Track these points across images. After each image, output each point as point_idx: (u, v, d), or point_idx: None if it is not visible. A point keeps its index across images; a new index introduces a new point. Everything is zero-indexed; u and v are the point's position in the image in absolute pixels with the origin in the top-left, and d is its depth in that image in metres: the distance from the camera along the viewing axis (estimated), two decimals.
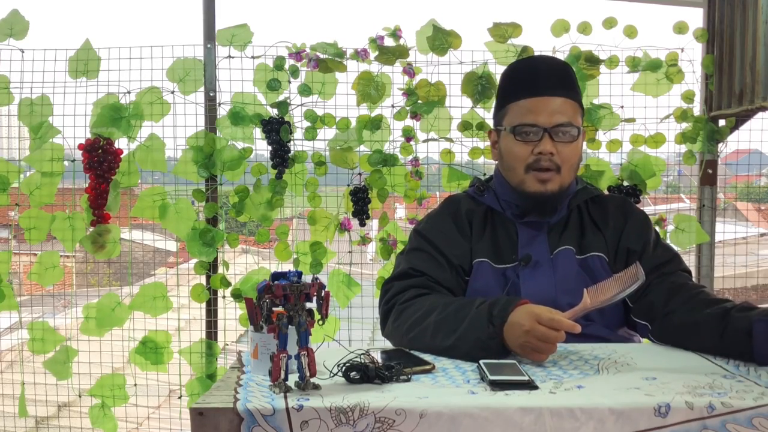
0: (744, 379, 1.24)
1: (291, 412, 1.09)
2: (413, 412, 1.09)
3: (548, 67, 1.71)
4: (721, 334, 1.41)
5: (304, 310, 1.19)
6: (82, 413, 2.72)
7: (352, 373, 1.22)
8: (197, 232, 2.54)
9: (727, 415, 1.09)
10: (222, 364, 2.64)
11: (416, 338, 1.51)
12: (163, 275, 3.78)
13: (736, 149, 2.78)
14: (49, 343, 2.61)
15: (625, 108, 2.59)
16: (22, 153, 2.96)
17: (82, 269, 3.85)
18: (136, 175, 2.56)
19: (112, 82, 2.52)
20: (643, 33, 2.62)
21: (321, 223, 2.57)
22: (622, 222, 1.74)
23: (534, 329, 1.34)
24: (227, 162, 2.52)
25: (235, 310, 2.63)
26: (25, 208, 2.58)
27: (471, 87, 2.52)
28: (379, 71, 2.52)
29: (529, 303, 1.42)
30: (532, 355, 1.36)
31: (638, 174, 2.56)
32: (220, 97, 2.57)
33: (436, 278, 1.66)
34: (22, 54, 2.54)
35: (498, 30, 2.49)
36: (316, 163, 2.57)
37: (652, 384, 1.21)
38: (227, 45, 2.51)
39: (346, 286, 2.58)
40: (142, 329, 2.61)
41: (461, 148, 2.59)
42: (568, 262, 1.68)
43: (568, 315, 1.40)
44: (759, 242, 5.68)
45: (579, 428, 1.09)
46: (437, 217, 1.79)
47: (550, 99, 1.66)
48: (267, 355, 1.23)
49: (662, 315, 1.56)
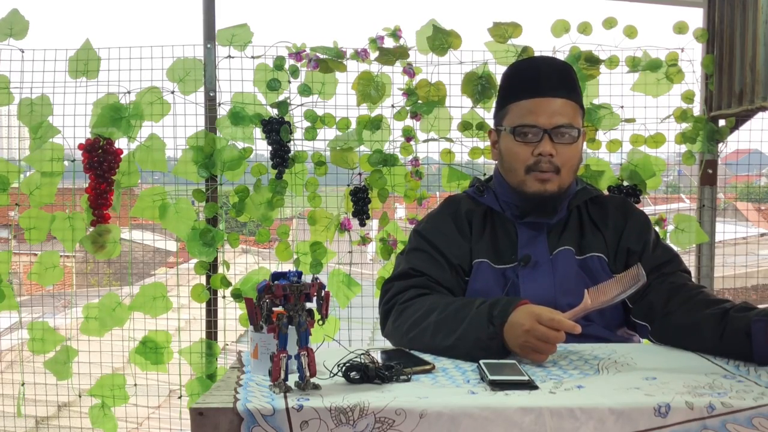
0: (744, 379, 1.24)
1: (291, 412, 1.09)
2: (413, 412, 1.09)
3: (550, 68, 1.70)
4: (721, 334, 1.41)
5: (304, 310, 1.19)
6: (82, 413, 2.72)
7: (352, 373, 1.22)
8: (197, 232, 2.54)
9: (727, 415, 1.09)
10: (222, 364, 2.64)
11: (416, 338, 1.51)
12: (163, 275, 3.78)
13: (736, 149, 2.78)
14: (49, 343, 2.61)
15: (625, 108, 2.59)
16: (22, 153, 2.96)
17: (82, 269, 3.85)
18: (136, 175, 2.56)
19: (112, 82, 2.52)
20: (643, 33, 2.62)
21: (321, 223, 2.57)
22: (622, 222, 1.74)
23: (534, 329, 1.34)
24: (227, 162, 2.52)
25: (235, 310, 2.63)
26: (25, 208, 2.58)
27: (471, 87, 2.52)
28: (379, 71, 2.52)
29: (530, 303, 1.42)
30: (532, 356, 1.36)
31: (638, 174, 2.56)
32: (220, 97, 2.57)
33: (436, 278, 1.66)
34: (22, 54, 2.54)
35: (498, 30, 2.49)
36: (316, 163, 2.57)
37: (652, 384, 1.21)
38: (227, 45, 2.51)
39: (346, 286, 2.58)
40: (142, 329, 2.61)
41: (461, 148, 2.60)
42: (568, 263, 1.68)
43: (569, 315, 1.40)
44: (759, 242, 5.68)
45: (579, 428, 1.09)
46: (437, 217, 1.79)
47: (550, 100, 1.65)
48: (267, 355, 1.23)
49: (662, 316, 1.56)
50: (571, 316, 1.40)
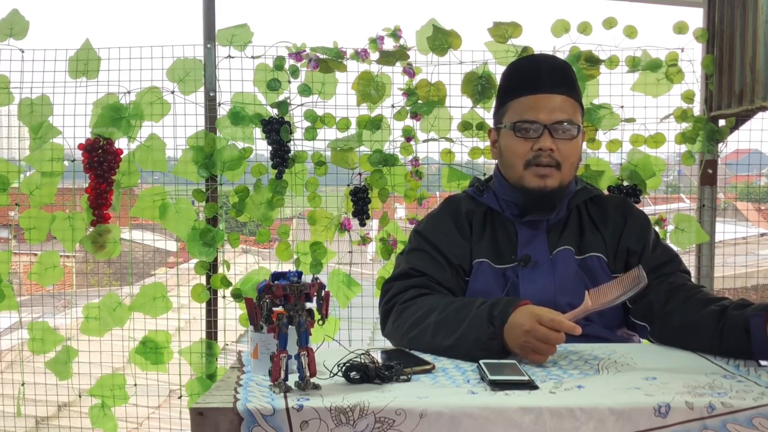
0: (744, 379, 1.24)
1: (291, 412, 1.09)
2: (413, 412, 1.09)
3: (549, 65, 1.71)
4: (720, 333, 1.41)
5: (304, 310, 1.19)
6: (82, 413, 2.72)
7: (352, 373, 1.22)
8: (197, 232, 2.54)
9: (727, 415, 1.09)
10: (222, 364, 2.64)
11: (416, 338, 1.51)
12: (163, 275, 3.78)
13: (736, 149, 2.78)
14: (49, 343, 2.61)
15: (625, 108, 2.59)
16: (22, 153, 2.97)
17: (82, 269, 3.85)
18: (136, 175, 2.56)
19: (112, 82, 2.52)
20: (643, 33, 2.62)
21: (321, 223, 2.57)
22: (622, 223, 1.74)
23: (534, 330, 1.34)
24: (227, 162, 2.52)
25: (235, 310, 2.63)
26: (25, 208, 2.58)
27: (471, 87, 2.52)
28: (379, 71, 2.52)
29: (530, 304, 1.42)
30: (531, 356, 1.36)
31: (638, 174, 2.56)
32: (220, 97, 2.57)
33: (436, 278, 1.66)
34: (22, 54, 2.54)
35: (498, 30, 2.49)
36: (316, 163, 2.57)
37: (652, 384, 1.21)
38: (227, 45, 2.51)
39: (346, 286, 2.58)
40: (142, 329, 2.61)
41: (461, 148, 2.60)
42: (568, 263, 1.68)
43: (569, 317, 1.40)
44: (759, 242, 5.69)
45: (579, 428, 1.09)
46: (437, 217, 1.79)
47: (550, 96, 1.66)
48: (267, 355, 1.23)
49: (661, 316, 1.56)
50: (571, 317, 1.40)
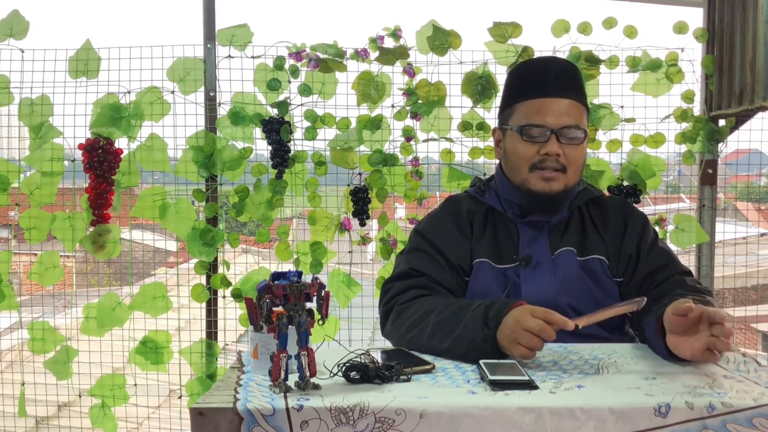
0: (744, 379, 1.24)
1: (291, 412, 1.09)
2: (413, 412, 1.09)
3: (558, 69, 1.70)
4: (642, 338, 1.49)
5: (304, 310, 1.19)
6: (82, 413, 2.72)
7: (352, 373, 1.22)
8: (197, 232, 2.54)
9: (727, 415, 1.09)
10: (222, 364, 2.64)
11: (414, 339, 1.51)
12: (163, 275, 3.78)
13: (736, 149, 2.78)
14: (49, 343, 2.61)
15: (625, 108, 2.59)
16: (22, 153, 2.97)
17: (82, 269, 3.85)
18: (137, 175, 2.56)
19: (112, 82, 2.52)
20: (643, 33, 2.62)
21: (321, 223, 2.57)
22: (622, 226, 1.74)
23: (524, 320, 1.32)
24: (227, 162, 2.52)
25: (235, 310, 2.63)
26: (25, 208, 2.58)
27: (471, 87, 2.52)
28: (379, 71, 2.52)
29: (527, 304, 1.40)
30: (518, 350, 1.32)
31: (638, 174, 2.56)
32: (220, 97, 2.57)
33: (436, 279, 1.66)
34: (22, 54, 2.54)
35: (498, 30, 2.48)
36: (316, 163, 2.57)
37: (652, 384, 1.21)
38: (227, 45, 2.51)
39: (346, 286, 2.58)
40: (142, 329, 2.61)
41: (461, 148, 2.60)
42: (569, 264, 1.68)
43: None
44: (759, 242, 5.69)
45: (579, 428, 1.09)
46: (438, 217, 1.79)
47: (558, 100, 1.66)
48: (267, 355, 1.23)
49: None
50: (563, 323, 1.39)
